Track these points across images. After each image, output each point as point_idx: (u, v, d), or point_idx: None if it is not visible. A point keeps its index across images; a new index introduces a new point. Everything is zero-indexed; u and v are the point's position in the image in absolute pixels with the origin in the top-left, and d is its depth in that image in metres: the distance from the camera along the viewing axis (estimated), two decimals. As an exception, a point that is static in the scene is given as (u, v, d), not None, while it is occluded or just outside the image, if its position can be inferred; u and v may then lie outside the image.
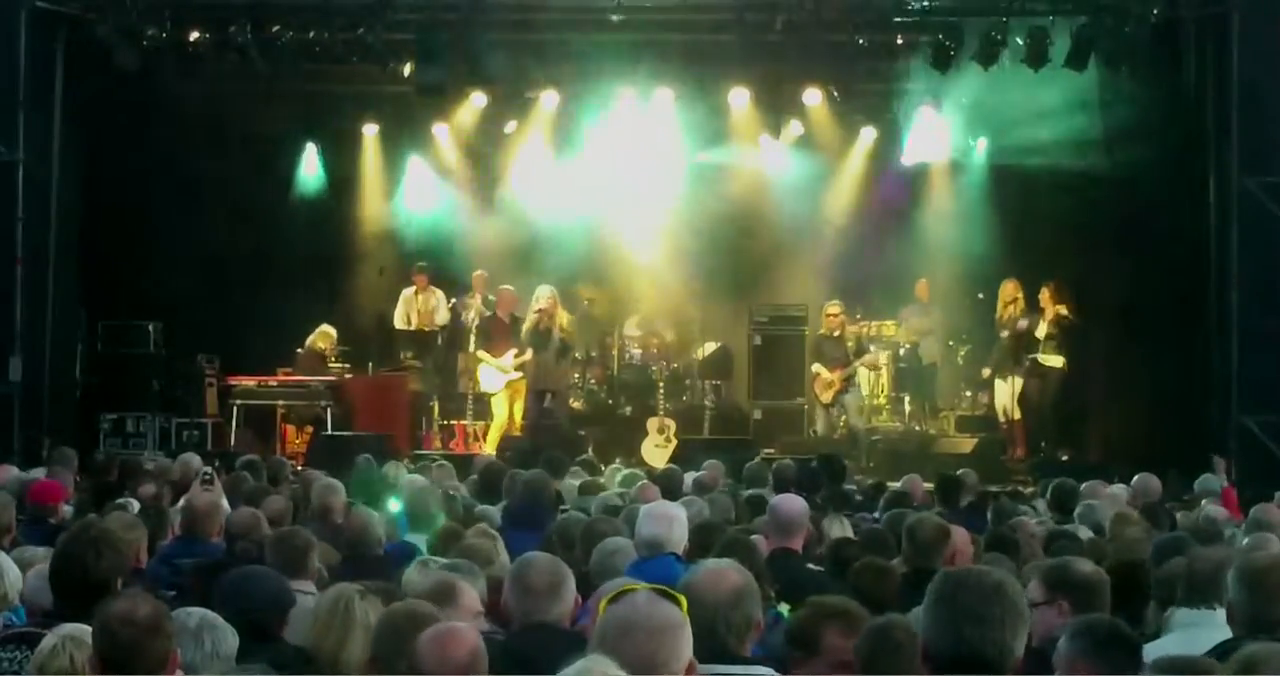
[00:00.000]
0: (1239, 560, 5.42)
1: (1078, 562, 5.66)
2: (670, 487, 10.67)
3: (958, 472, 12.22)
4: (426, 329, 18.74)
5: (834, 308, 17.94)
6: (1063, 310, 17.30)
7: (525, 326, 17.37)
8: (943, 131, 19.10)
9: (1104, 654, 4.35)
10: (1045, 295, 17.57)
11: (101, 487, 10.89)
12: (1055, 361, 17.50)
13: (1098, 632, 4.43)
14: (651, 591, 3.72)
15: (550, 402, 17.59)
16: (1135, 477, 11.59)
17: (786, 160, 19.61)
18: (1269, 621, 5.03)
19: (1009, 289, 17.74)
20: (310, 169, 19.82)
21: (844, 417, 17.86)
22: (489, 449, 16.77)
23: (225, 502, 9.75)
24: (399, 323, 18.83)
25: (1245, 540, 7.67)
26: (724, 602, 4.28)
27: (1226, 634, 5.27)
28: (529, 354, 17.33)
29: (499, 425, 17.42)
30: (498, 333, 17.64)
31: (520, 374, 17.49)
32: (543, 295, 17.37)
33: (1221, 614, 5.51)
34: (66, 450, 12.99)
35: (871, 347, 18.20)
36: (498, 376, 17.48)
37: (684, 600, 3.75)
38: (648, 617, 3.60)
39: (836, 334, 17.83)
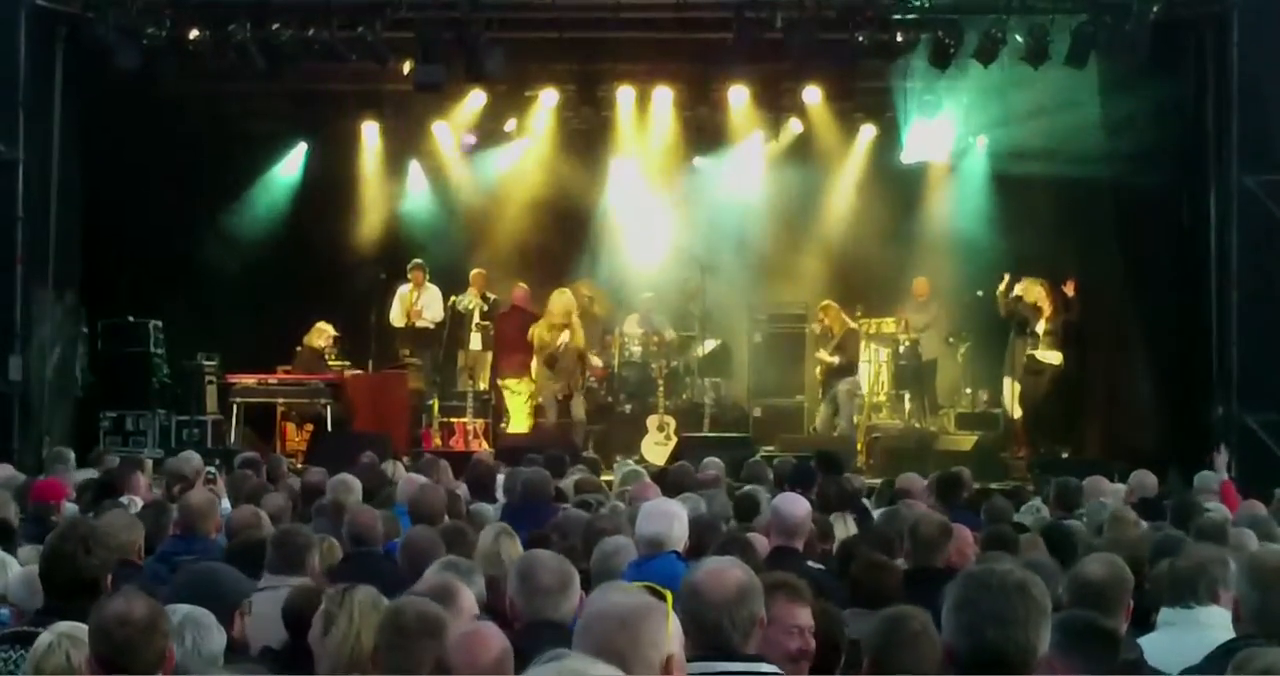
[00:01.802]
0: (1247, 557, 5.35)
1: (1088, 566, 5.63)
2: (681, 485, 10.66)
3: (954, 470, 12.19)
4: (417, 325, 18.78)
5: (821, 305, 18.13)
6: (1060, 308, 17.35)
7: (543, 338, 17.47)
8: (943, 129, 19.12)
9: (1081, 649, 4.31)
10: (1042, 292, 17.60)
11: (100, 486, 10.90)
12: (1053, 358, 17.53)
13: (1074, 627, 4.39)
14: (637, 587, 3.72)
15: (571, 402, 17.69)
16: (1131, 474, 11.61)
17: (786, 158, 19.62)
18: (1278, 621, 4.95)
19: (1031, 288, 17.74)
20: (294, 166, 19.82)
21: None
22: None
23: (226, 501, 9.78)
24: (394, 320, 18.87)
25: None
26: (729, 600, 4.28)
27: (1211, 633, 5.21)
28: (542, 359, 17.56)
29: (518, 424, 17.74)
30: (513, 330, 17.85)
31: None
32: (559, 307, 17.49)
33: (1202, 613, 5.46)
34: (63, 449, 12.98)
35: (847, 344, 18.24)
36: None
37: (670, 595, 3.74)
38: (617, 607, 3.61)
39: (822, 332, 18.12)
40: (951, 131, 19.10)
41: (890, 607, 4.61)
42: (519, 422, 18.06)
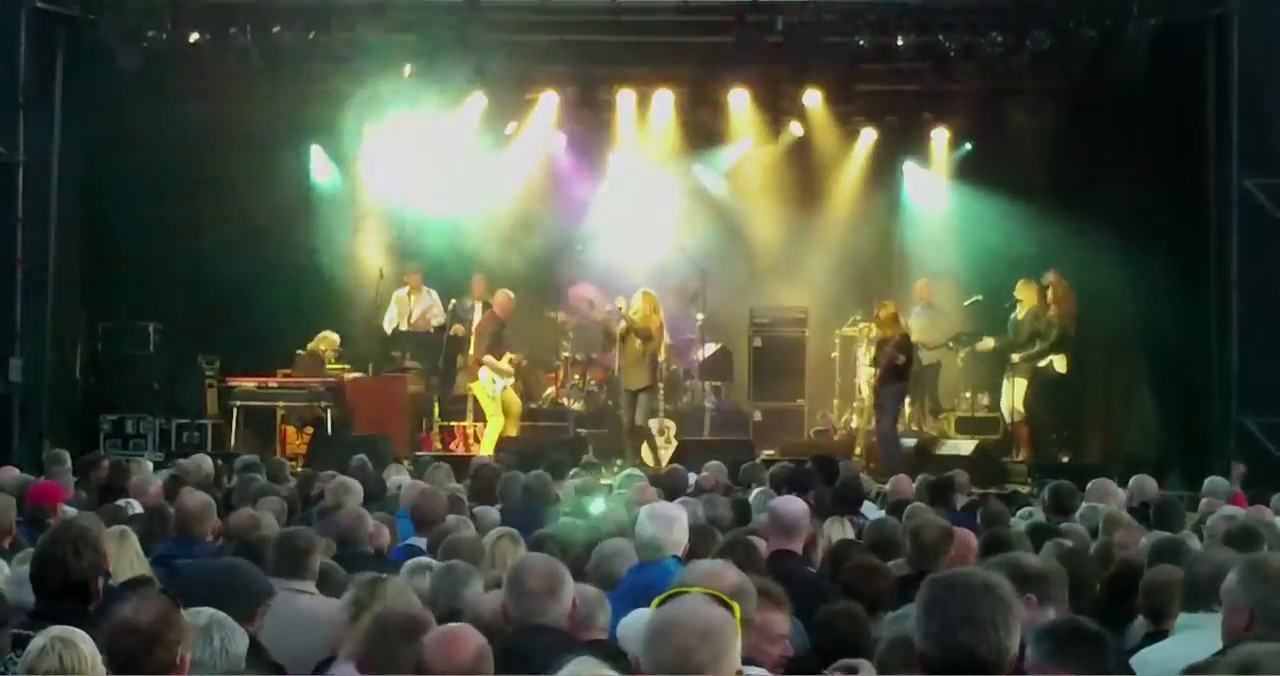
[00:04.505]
0: (1258, 561, 5.31)
1: (1024, 556, 5.75)
2: (675, 488, 10.66)
3: (948, 474, 12.15)
4: (419, 330, 18.73)
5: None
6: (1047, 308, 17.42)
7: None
8: (940, 132, 19.12)
9: (1071, 653, 4.31)
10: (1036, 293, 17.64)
11: (101, 489, 10.89)
12: (1056, 363, 17.50)
13: (1061, 633, 4.39)
14: (705, 594, 3.64)
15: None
16: (1132, 478, 11.59)
17: (786, 162, 19.61)
18: None
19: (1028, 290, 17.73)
20: (322, 168, 19.78)
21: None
22: (485, 450, 16.76)
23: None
24: (389, 324, 18.83)
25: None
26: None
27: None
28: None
29: (497, 426, 17.44)
30: (487, 334, 17.73)
31: (514, 378, 17.59)
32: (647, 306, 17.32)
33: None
34: (60, 451, 12.96)
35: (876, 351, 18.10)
36: (499, 380, 17.51)
37: (738, 607, 3.64)
38: (692, 617, 3.50)
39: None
40: (949, 134, 19.12)
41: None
42: (494, 429, 17.74)
